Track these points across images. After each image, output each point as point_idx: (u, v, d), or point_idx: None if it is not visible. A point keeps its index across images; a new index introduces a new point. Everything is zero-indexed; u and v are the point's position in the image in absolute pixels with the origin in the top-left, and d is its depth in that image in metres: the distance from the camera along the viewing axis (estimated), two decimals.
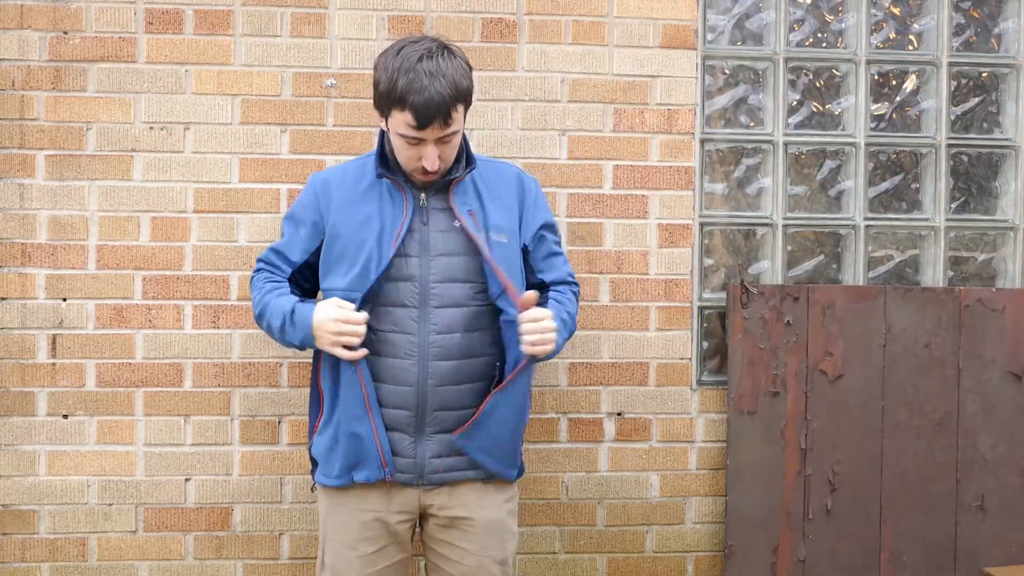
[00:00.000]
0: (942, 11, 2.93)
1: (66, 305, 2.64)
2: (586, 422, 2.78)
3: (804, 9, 2.95)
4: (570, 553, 2.79)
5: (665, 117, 2.79)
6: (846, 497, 2.81)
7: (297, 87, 2.68)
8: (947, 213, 2.95)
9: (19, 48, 2.62)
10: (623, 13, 2.77)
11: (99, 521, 2.66)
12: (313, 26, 2.68)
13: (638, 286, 2.79)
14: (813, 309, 2.80)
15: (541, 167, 2.75)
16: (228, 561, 2.69)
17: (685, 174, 2.80)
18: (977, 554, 2.84)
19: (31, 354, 2.64)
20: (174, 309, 2.66)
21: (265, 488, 2.69)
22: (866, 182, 2.93)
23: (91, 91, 2.64)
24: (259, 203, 2.67)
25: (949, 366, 2.84)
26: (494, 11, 2.73)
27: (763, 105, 2.91)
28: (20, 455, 2.64)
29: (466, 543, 2.14)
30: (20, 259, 2.63)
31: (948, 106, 2.94)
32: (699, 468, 2.83)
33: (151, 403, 2.66)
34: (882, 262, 2.97)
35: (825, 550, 2.81)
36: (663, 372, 2.81)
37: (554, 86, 2.76)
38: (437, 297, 2.06)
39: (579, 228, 2.77)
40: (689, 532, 2.83)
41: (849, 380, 2.81)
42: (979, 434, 2.85)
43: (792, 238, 2.93)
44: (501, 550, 2.16)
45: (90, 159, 2.64)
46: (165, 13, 2.65)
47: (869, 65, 2.92)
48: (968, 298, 2.84)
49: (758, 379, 2.78)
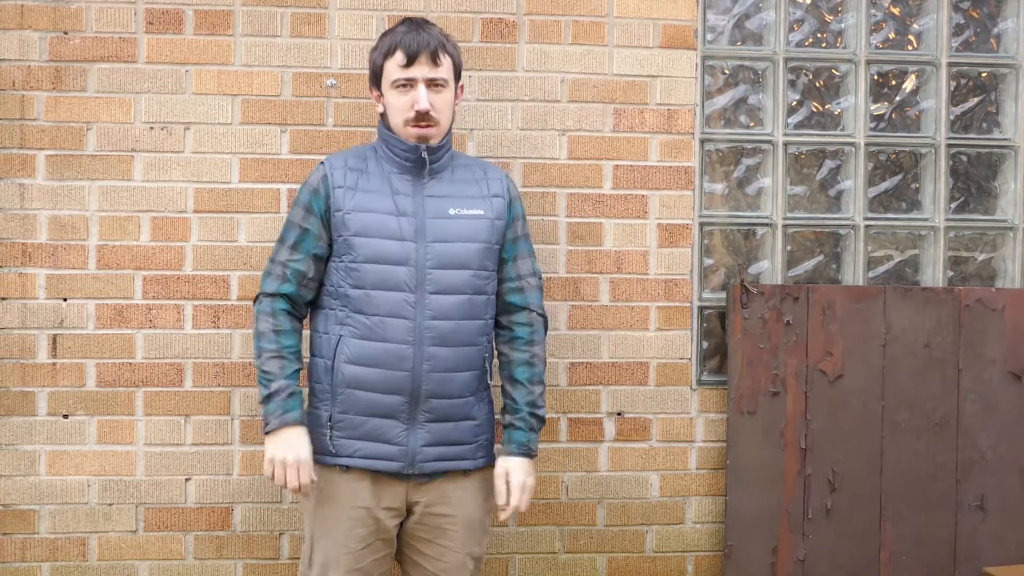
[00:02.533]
0: (942, 11, 2.93)
1: (66, 305, 2.64)
2: (586, 422, 2.78)
3: (804, 9, 2.95)
4: (570, 553, 2.79)
5: (665, 117, 2.79)
6: (846, 497, 2.81)
7: (297, 87, 2.69)
8: (947, 213, 2.95)
9: (19, 48, 2.62)
10: (623, 13, 2.77)
11: (99, 521, 2.66)
12: (313, 26, 2.68)
13: (638, 286, 2.79)
14: (813, 309, 2.80)
15: (541, 167, 2.75)
16: (228, 561, 2.69)
17: (685, 174, 2.80)
18: (977, 554, 2.84)
19: (31, 354, 2.64)
20: (174, 309, 2.67)
21: (265, 488, 2.69)
22: (866, 182, 2.93)
23: (91, 91, 2.64)
24: (259, 203, 2.67)
25: (949, 366, 2.84)
26: (494, 11, 2.73)
27: (763, 105, 2.92)
28: (20, 455, 2.64)
29: (446, 540, 2.18)
30: (20, 259, 2.63)
31: (948, 106, 2.94)
32: (699, 468, 2.83)
33: (151, 403, 2.66)
34: (882, 262, 2.97)
35: (825, 550, 2.81)
36: (663, 372, 2.81)
37: (554, 86, 2.76)
38: (433, 283, 2.09)
39: (579, 228, 2.77)
40: (689, 532, 2.83)
41: (849, 380, 2.81)
42: (979, 434, 2.85)
43: (792, 238, 2.93)
44: (478, 546, 2.23)
45: (90, 159, 2.64)
46: (165, 13, 2.65)
47: (869, 65, 2.92)
48: (968, 298, 2.84)
49: (758, 379, 2.78)
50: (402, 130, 2.14)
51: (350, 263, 2.12)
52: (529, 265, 2.28)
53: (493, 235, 2.19)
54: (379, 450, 2.11)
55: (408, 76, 2.11)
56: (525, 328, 2.24)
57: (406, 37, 2.11)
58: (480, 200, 2.19)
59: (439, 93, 2.13)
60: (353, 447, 2.11)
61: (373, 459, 2.11)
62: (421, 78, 2.11)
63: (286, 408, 2.08)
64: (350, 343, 2.11)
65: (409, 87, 2.12)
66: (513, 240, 2.25)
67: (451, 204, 2.16)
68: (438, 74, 2.12)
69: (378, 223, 2.12)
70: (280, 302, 2.15)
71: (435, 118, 2.13)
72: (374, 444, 2.11)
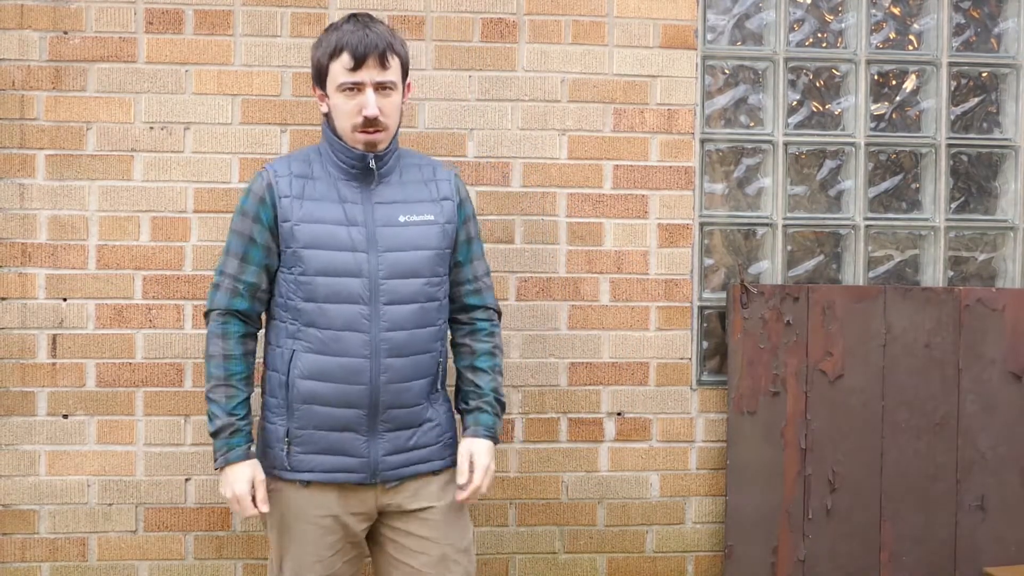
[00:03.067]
0: (942, 11, 2.93)
1: (66, 305, 2.64)
2: (586, 422, 2.78)
3: (804, 9, 2.95)
4: (570, 553, 2.79)
5: (665, 117, 2.79)
6: (846, 497, 2.81)
7: (297, 87, 2.69)
8: (947, 213, 2.95)
9: (19, 48, 2.62)
10: (623, 13, 2.77)
11: (99, 521, 2.66)
12: (313, 26, 2.68)
13: (638, 286, 2.79)
14: (813, 309, 2.80)
15: (541, 167, 2.75)
16: (228, 561, 2.69)
17: (685, 174, 2.80)
18: (977, 554, 2.84)
19: (31, 354, 2.64)
20: (174, 309, 2.66)
21: None
22: (866, 182, 2.93)
23: (91, 91, 2.64)
24: None
25: (949, 366, 2.84)
26: (494, 11, 2.73)
27: (763, 105, 2.91)
28: (20, 455, 2.64)
29: (426, 531, 2.11)
30: (20, 259, 2.63)
31: (948, 106, 2.94)
32: (699, 468, 2.83)
33: (151, 403, 2.66)
34: (882, 262, 2.97)
35: (825, 550, 2.81)
36: (663, 372, 2.81)
37: (554, 86, 2.76)
38: (387, 293, 2.05)
39: (579, 228, 2.77)
40: (689, 532, 2.83)
41: (849, 380, 2.81)
42: (979, 434, 2.85)
43: (792, 238, 2.93)
44: (462, 538, 2.16)
45: (90, 159, 2.64)
46: (165, 13, 2.65)
47: (869, 65, 2.92)
48: (968, 298, 2.84)
49: (758, 379, 2.78)
50: (349, 135, 2.06)
51: (300, 275, 2.05)
52: (484, 266, 2.25)
53: (444, 240, 2.13)
54: (340, 463, 2.07)
55: (355, 80, 2.01)
56: (485, 322, 2.23)
57: (352, 37, 2.01)
58: (430, 204, 2.13)
59: (388, 96, 2.05)
60: (313, 462, 2.07)
61: (335, 472, 2.07)
62: (369, 82, 2.02)
63: (229, 446, 2.05)
64: (304, 358, 2.04)
65: (356, 91, 2.03)
66: (467, 241, 2.20)
67: (401, 211, 2.10)
68: (387, 77, 2.03)
69: (328, 234, 2.05)
70: (232, 322, 2.08)
71: (384, 123, 2.05)
72: (335, 457, 2.07)
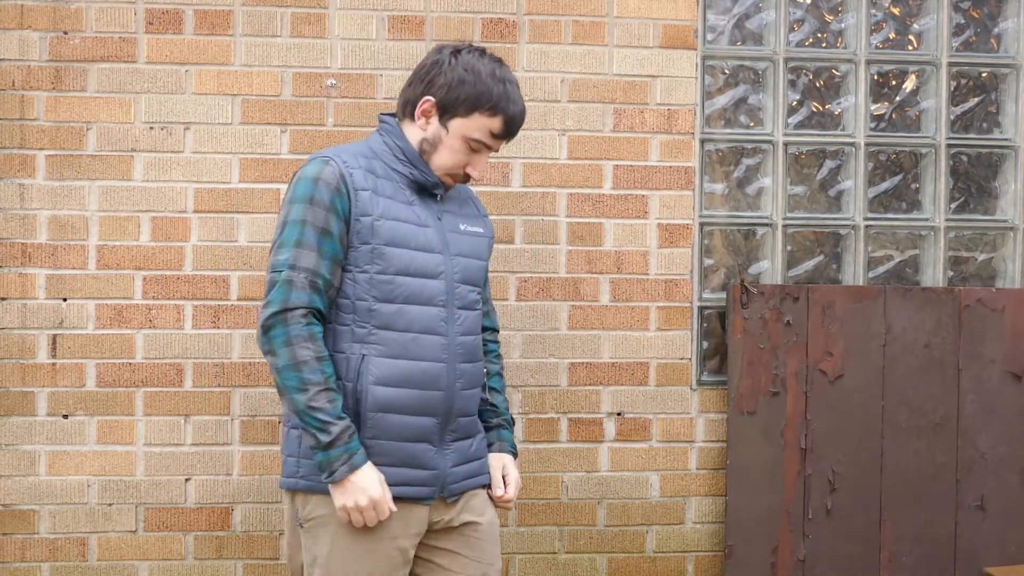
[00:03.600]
0: (942, 11, 2.93)
1: (66, 305, 2.64)
2: (586, 422, 2.78)
3: (804, 9, 2.95)
4: (570, 553, 2.79)
5: (665, 117, 2.79)
6: (846, 497, 2.81)
7: (297, 87, 2.69)
8: (947, 213, 2.95)
9: (19, 48, 2.62)
10: (623, 13, 2.77)
11: (99, 521, 2.66)
12: (313, 26, 2.68)
13: (638, 286, 2.79)
14: (813, 309, 2.80)
15: (541, 167, 2.75)
16: (228, 561, 2.69)
17: (685, 174, 2.80)
18: (977, 554, 2.84)
19: (31, 354, 2.64)
20: (174, 309, 2.66)
21: (265, 488, 2.69)
22: (866, 182, 2.93)
23: (91, 91, 2.64)
24: (259, 203, 2.67)
25: (949, 366, 2.84)
26: (494, 11, 2.73)
27: (763, 105, 2.92)
28: (20, 455, 2.64)
29: (469, 551, 2.03)
30: (20, 259, 2.63)
31: (948, 106, 2.94)
32: (699, 468, 2.83)
33: (151, 403, 2.66)
34: (882, 262, 2.97)
35: (825, 550, 2.81)
36: (663, 372, 2.81)
37: (554, 86, 2.76)
38: (460, 297, 2.02)
39: (579, 228, 2.77)
40: (689, 532, 2.83)
41: (849, 380, 2.81)
42: (979, 434, 2.85)
43: (792, 238, 2.93)
44: (498, 559, 2.09)
45: (90, 159, 2.64)
46: (165, 13, 2.65)
47: (869, 65, 2.92)
48: (968, 298, 2.84)
49: (758, 379, 2.78)
50: (438, 166, 2.00)
51: (378, 275, 1.91)
52: (490, 288, 2.28)
53: (488, 254, 2.15)
54: (412, 476, 1.95)
55: (491, 144, 1.99)
56: (495, 344, 2.24)
57: (515, 109, 1.96)
58: (478, 219, 2.14)
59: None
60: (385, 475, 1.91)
61: (405, 486, 1.94)
62: (497, 149, 2.02)
63: (350, 451, 1.85)
64: (377, 363, 1.91)
65: (480, 150, 1.99)
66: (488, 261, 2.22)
67: (460, 220, 2.07)
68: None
69: (408, 233, 1.95)
70: (315, 322, 1.88)
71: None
72: (408, 470, 1.94)
